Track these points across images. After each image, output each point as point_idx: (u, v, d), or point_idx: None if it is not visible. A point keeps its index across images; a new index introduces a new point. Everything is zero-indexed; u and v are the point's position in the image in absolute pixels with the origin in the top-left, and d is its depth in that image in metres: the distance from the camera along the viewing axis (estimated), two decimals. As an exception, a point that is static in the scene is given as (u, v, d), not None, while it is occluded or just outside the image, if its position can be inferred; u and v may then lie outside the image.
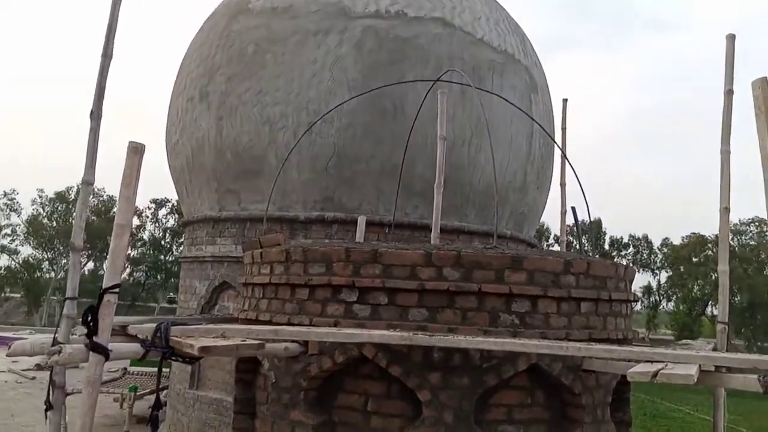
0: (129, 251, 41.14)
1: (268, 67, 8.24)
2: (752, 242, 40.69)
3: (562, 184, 7.64)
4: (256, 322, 4.20)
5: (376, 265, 3.77)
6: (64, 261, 41.52)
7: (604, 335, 3.98)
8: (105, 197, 40.97)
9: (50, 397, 4.04)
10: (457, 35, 8.46)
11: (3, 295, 43.88)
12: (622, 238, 46.98)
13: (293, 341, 3.71)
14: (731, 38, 5.09)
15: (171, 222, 42.50)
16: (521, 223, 9.63)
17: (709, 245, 40.86)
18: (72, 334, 3.89)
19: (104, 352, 3.18)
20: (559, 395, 3.88)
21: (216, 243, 8.87)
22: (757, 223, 40.71)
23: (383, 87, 6.53)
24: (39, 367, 13.79)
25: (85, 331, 3.29)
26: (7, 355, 5.03)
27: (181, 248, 40.15)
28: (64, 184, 42.45)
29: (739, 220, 41.28)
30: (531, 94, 9.18)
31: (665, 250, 42.66)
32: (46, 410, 4.15)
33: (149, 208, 42.30)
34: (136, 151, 3.37)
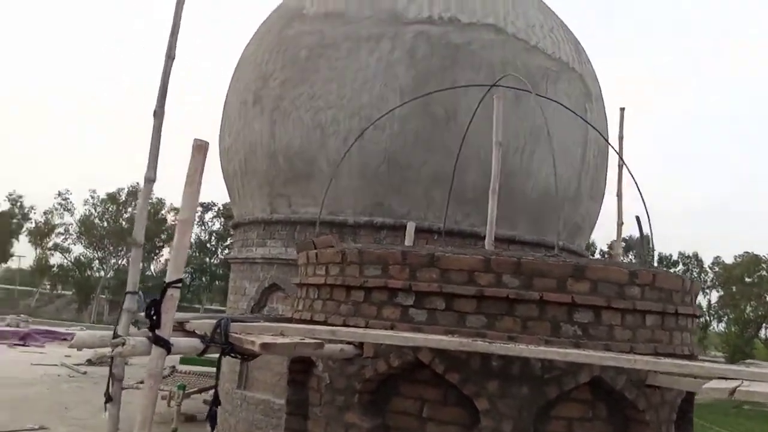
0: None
1: (320, 72, 8.33)
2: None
3: (619, 195, 7.43)
4: (311, 322, 4.20)
5: (433, 269, 3.72)
6: (114, 260, 42.83)
7: (669, 350, 3.82)
8: (154, 199, 42.17)
9: (110, 389, 4.14)
10: (510, 42, 8.37)
11: (55, 292, 45.52)
12: (671, 255, 45.54)
13: (349, 343, 3.70)
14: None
15: (217, 225, 43.36)
16: (574, 233, 9.42)
17: (764, 265, 39.29)
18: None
19: (166, 346, 3.22)
20: (622, 411, 3.74)
21: (266, 245, 8.98)
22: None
23: (436, 92, 6.50)
24: (90, 362, 14.24)
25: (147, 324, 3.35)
26: (69, 347, 5.18)
27: (226, 251, 40.95)
28: (116, 186, 43.85)
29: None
30: (585, 102, 9.00)
31: (716, 269, 41.18)
32: (105, 402, 4.25)
33: (196, 212, 43.30)
34: (200, 149, 3.42)
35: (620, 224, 7.51)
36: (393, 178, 8.01)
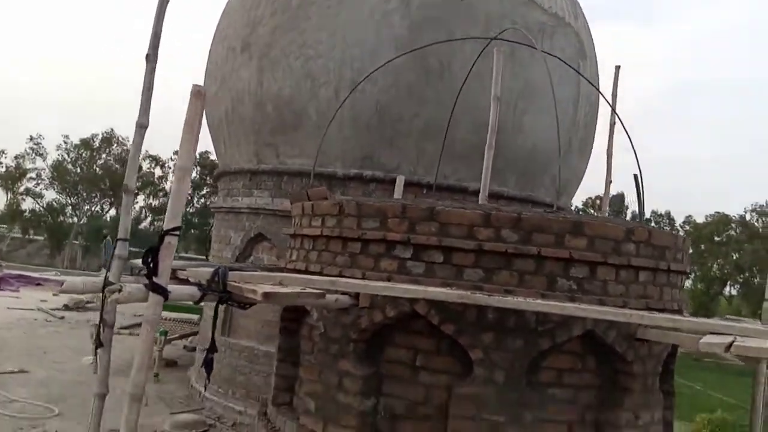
0: (150, 201, 41.70)
1: (312, 19, 8.08)
2: (776, 224, 39.96)
3: (609, 153, 7.47)
4: (306, 272, 4.21)
5: (433, 222, 3.73)
6: (87, 206, 42.22)
7: (660, 305, 3.91)
8: (129, 146, 41.33)
9: (100, 335, 4.13)
10: (507, -6, 8.20)
11: (27, 237, 44.85)
12: (644, 213, 46.25)
13: (344, 293, 3.71)
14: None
15: (194, 174, 42.80)
16: (561, 190, 9.47)
17: (733, 225, 40.23)
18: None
19: (164, 293, 3.20)
20: (610, 363, 3.84)
21: (252, 195, 8.89)
22: (782, 205, 39.93)
23: (435, 44, 6.36)
24: (67, 307, 14.06)
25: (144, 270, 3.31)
26: (60, 292, 5.13)
27: (201, 200, 40.59)
28: (89, 131, 42.83)
29: (766, 202, 40.52)
30: (579, 59, 8.91)
31: (687, 228, 42.05)
32: (95, 348, 4.24)
33: (172, 159, 42.51)
34: (198, 95, 3.32)
35: (609, 182, 7.58)
36: (384, 130, 7.91)
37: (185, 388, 9.85)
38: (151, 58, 4.25)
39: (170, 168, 42.42)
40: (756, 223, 41.18)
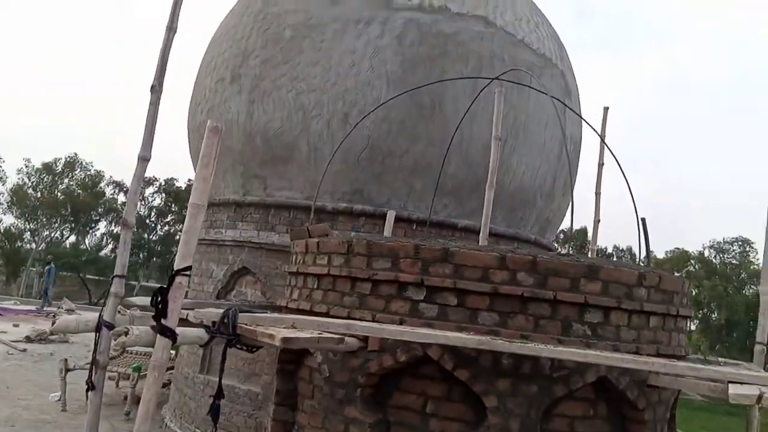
0: (112, 228, 40.71)
1: (305, 53, 8.08)
2: (734, 261, 41.15)
3: (597, 193, 7.57)
4: (311, 313, 4.09)
5: (447, 264, 3.67)
6: (46, 233, 41.03)
7: (669, 351, 3.91)
8: (92, 171, 40.39)
9: (92, 377, 3.92)
10: (498, 35, 8.34)
11: (-19, 263, 43.20)
12: (606, 248, 47.24)
13: (352, 336, 3.60)
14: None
15: (157, 201, 42.04)
16: (545, 228, 9.56)
17: (692, 261, 41.28)
18: (59, 309, 3.73)
19: (172, 336, 3.06)
20: (620, 410, 3.80)
21: (237, 227, 8.72)
22: (740, 243, 41.18)
23: (435, 83, 6.42)
24: (29, 339, 13.46)
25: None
26: (51, 331, 4.88)
27: (165, 227, 39.73)
28: (52, 155, 41.80)
29: (723, 239, 41.78)
30: (565, 99, 9.08)
31: (646, 264, 42.98)
32: (87, 390, 4.03)
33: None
34: (215, 131, 3.25)
35: (597, 221, 7.66)
36: (374, 165, 7.88)
37: (158, 426, 9.45)
38: (156, 89, 4.15)
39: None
40: (714, 260, 42.37)
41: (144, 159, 4.11)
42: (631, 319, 3.71)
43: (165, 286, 3.10)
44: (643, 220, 4.52)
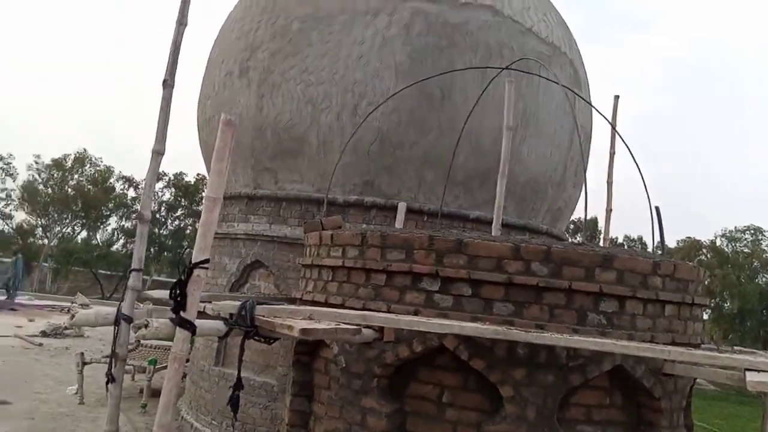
0: (123, 223, 40.98)
1: (313, 45, 8.07)
2: (746, 249, 40.80)
3: (609, 182, 7.54)
4: (325, 304, 4.12)
5: (461, 255, 3.68)
6: (58, 228, 41.36)
7: (684, 339, 3.90)
8: (102, 167, 40.61)
9: (112, 369, 3.97)
10: (506, 24, 8.29)
11: (-5, 259, 43.64)
12: (617, 238, 47.00)
13: (368, 326, 3.63)
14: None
15: (167, 195, 42.23)
16: (557, 218, 9.53)
17: (704, 250, 40.98)
18: (73, 303, 3.77)
19: (191, 328, 3.10)
20: (636, 398, 3.81)
21: (249, 221, 8.75)
22: (752, 231, 40.81)
23: (444, 73, 6.40)
24: (44, 333, 13.61)
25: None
26: (70, 324, 4.94)
27: (176, 222, 39.83)
28: (62, 151, 42.02)
29: (735, 228, 41.42)
30: (574, 87, 9.02)
31: (659, 253, 42.76)
32: (107, 383, 4.08)
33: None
34: (229, 124, 3.26)
35: (609, 210, 7.64)
36: (384, 157, 7.88)
37: (175, 419, 9.56)
38: (168, 83, 4.18)
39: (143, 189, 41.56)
40: (726, 249, 42.06)
41: (158, 153, 4.15)
42: (646, 308, 3.71)
43: (183, 278, 3.13)
44: (657, 208, 4.50)
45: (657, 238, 4.51)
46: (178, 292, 3.11)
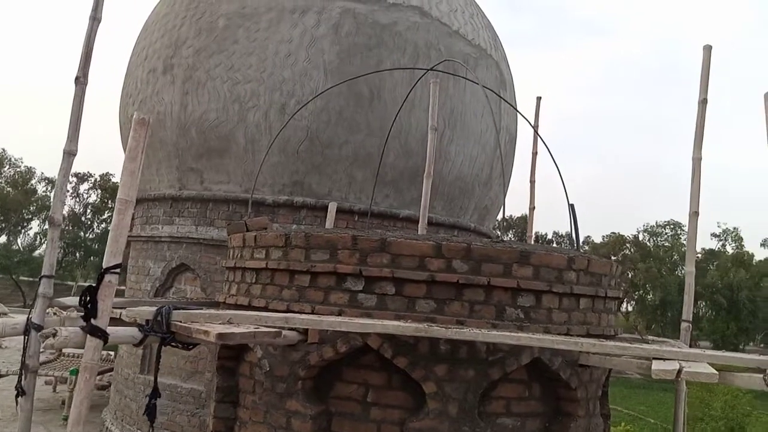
0: (45, 227, 39.00)
1: (240, 42, 7.93)
2: (667, 244, 43.24)
3: (532, 181, 7.78)
4: (249, 307, 4.04)
5: (384, 254, 3.69)
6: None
7: (599, 331, 4.07)
8: (23, 168, 38.58)
9: (22, 382, 3.77)
10: (434, 25, 8.42)
11: None
12: (546, 234, 48.95)
13: (291, 329, 3.59)
14: (708, 49, 5.32)
15: (93, 197, 40.54)
16: (484, 216, 9.77)
17: (627, 245, 43.10)
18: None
19: (103, 336, 2.98)
20: (554, 389, 3.94)
21: (174, 223, 8.50)
22: (672, 226, 43.31)
23: (372, 73, 6.43)
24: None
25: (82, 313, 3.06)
26: (-27, 337, 4.63)
27: (102, 225, 38.28)
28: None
29: (656, 222, 43.81)
30: (500, 89, 9.28)
31: (586, 248, 44.68)
32: (16, 396, 3.87)
33: (70, 182, 39.96)
34: (142, 123, 3.16)
35: (532, 208, 7.88)
36: (314, 156, 7.84)
37: (98, 430, 9.16)
38: (81, 81, 3.99)
39: (68, 191, 39.78)
40: (648, 243, 44.40)
41: (70, 153, 3.94)
42: (561, 302, 3.84)
43: (94, 285, 3.00)
44: (572, 206, 4.69)
45: (573, 235, 4.69)
46: (88, 298, 2.98)
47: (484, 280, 3.63)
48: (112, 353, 12.81)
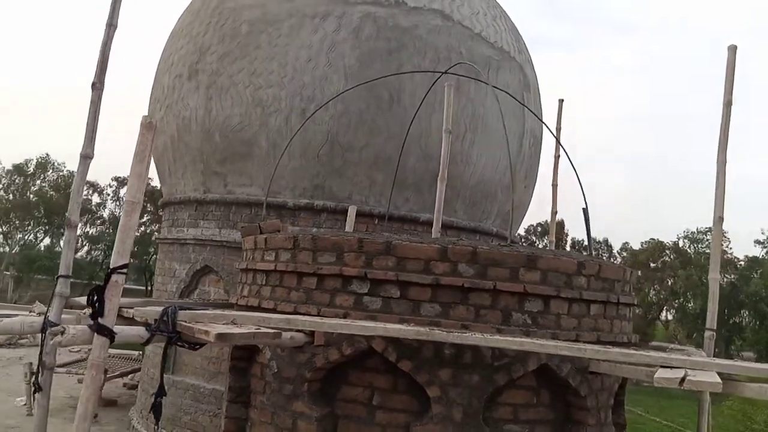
0: (87, 229, 40.12)
1: (262, 48, 8.04)
2: (708, 250, 41.88)
3: (554, 185, 7.67)
4: (259, 309, 4.09)
5: (390, 257, 3.69)
6: (20, 235, 40.28)
7: (611, 338, 3.98)
8: (65, 172, 39.69)
9: (38, 378, 3.88)
10: (455, 28, 8.40)
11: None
12: (582, 240, 48.06)
13: (298, 331, 3.62)
14: (732, 50, 5.17)
15: (136, 201, 41.48)
16: (507, 221, 9.66)
17: (667, 251, 41.97)
18: (31, 313, 3.71)
19: (110, 335, 3.04)
20: (564, 396, 3.87)
21: (199, 226, 8.66)
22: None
23: (389, 76, 6.44)
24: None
25: (89, 311, 3.14)
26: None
27: (142, 228, 39.14)
28: (23, 156, 40.96)
29: (697, 229, 42.53)
30: (524, 92, 9.19)
31: (624, 255, 43.69)
32: (33, 392, 4.00)
33: (110, 186, 41.04)
34: (149, 126, 3.22)
35: (554, 212, 7.77)
36: (334, 160, 7.89)
37: (126, 429, 9.37)
38: (97, 86, 4.11)
39: (108, 195, 40.95)
40: (688, 250, 43.14)
41: (86, 157, 4.07)
42: (571, 308, 3.77)
43: (101, 284, 3.08)
44: (585, 210, 4.59)
45: (586, 238, 4.60)
46: (95, 298, 3.05)
47: (490, 285, 3.59)
48: (138, 353, 13.09)
